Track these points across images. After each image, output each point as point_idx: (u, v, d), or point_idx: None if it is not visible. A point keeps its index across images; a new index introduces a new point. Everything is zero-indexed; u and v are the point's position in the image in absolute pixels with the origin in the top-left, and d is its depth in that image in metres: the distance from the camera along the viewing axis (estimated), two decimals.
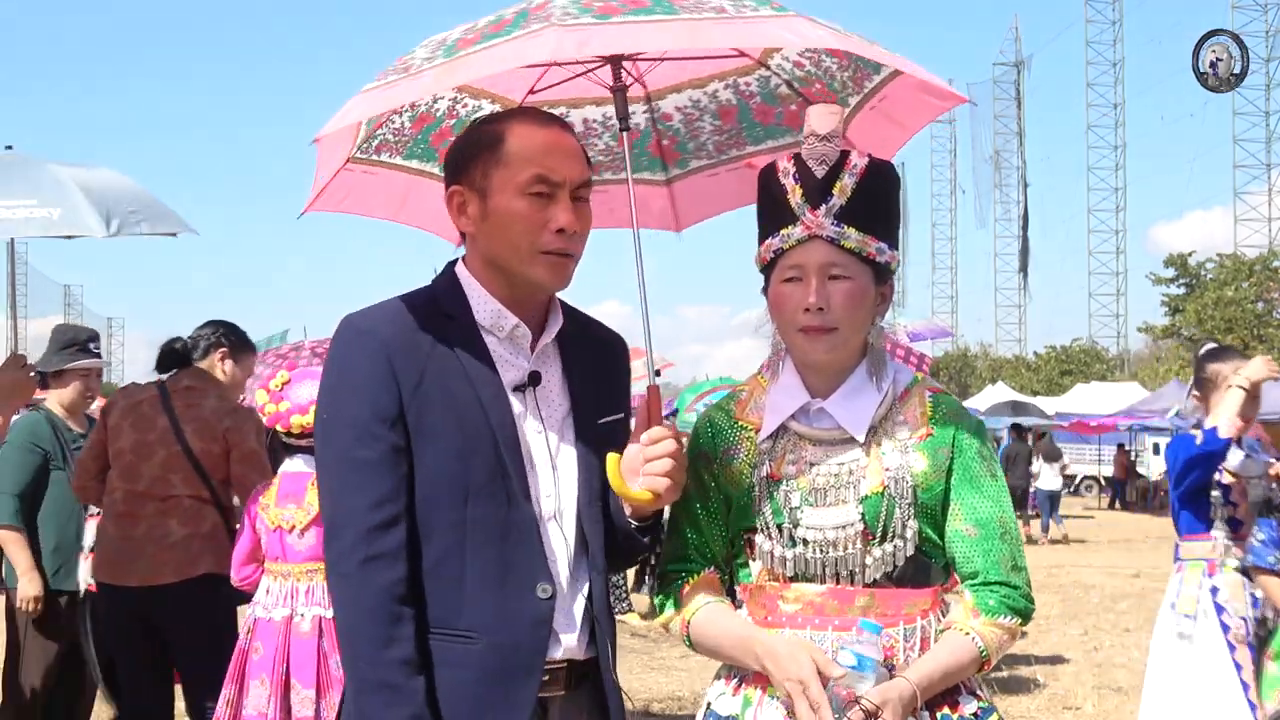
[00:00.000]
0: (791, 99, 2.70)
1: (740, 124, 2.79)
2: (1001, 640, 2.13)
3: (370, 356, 2.03)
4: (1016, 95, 67.90)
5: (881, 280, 2.20)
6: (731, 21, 2.12)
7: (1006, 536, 2.15)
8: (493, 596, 2.03)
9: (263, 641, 4.20)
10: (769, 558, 2.18)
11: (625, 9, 2.09)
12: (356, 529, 1.99)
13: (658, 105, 2.79)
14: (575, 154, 2.12)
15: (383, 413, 2.02)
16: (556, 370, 2.18)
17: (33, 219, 3.62)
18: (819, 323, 2.13)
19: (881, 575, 2.13)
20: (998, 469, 2.19)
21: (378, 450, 2.01)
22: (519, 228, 2.07)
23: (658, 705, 7.52)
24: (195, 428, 4.56)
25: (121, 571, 4.52)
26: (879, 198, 2.18)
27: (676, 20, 2.08)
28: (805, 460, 2.17)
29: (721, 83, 2.72)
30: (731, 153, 2.86)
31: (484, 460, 2.04)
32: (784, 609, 2.16)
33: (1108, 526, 24.50)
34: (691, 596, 2.23)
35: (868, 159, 2.18)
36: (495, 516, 2.04)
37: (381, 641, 1.96)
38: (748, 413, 2.26)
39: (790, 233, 2.17)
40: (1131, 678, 8.47)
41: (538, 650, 2.05)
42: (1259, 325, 40.39)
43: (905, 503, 2.12)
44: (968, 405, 23.62)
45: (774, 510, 2.17)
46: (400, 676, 1.95)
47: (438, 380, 2.04)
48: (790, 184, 2.18)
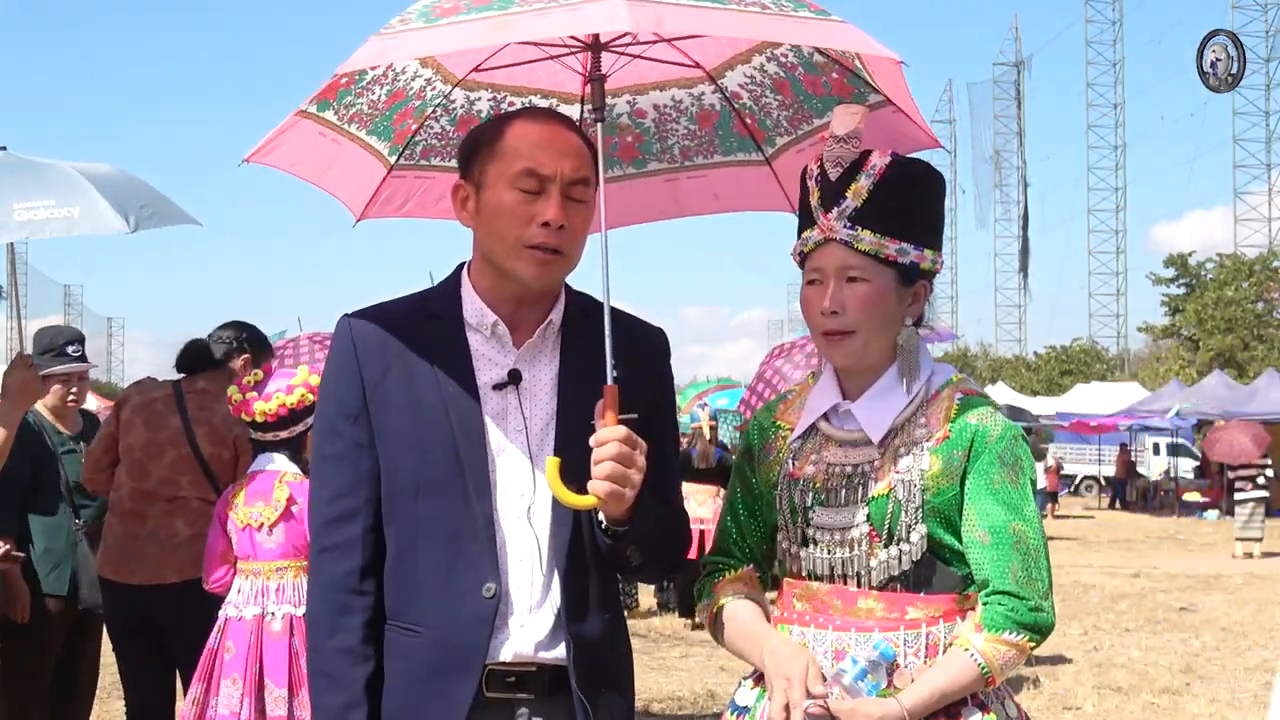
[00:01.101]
0: (830, 66, 2.54)
1: (797, 96, 2.65)
2: (1007, 657, 2.04)
3: (340, 355, 2.11)
4: (1016, 95, 67.95)
5: (909, 281, 2.18)
6: (804, 21, 2.08)
7: (1020, 546, 2.07)
8: (439, 592, 2.04)
9: (234, 640, 4.17)
10: (785, 555, 2.21)
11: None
12: (316, 522, 2.11)
13: (723, 84, 2.65)
14: (571, 150, 2.08)
15: (345, 409, 2.09)
16: (550, 369, 2.14)
17: (54, 219, 3.61)
18: (835, 326, 2.13)
19: (888, 578, 2.10)
20: (1023, 476, 2.11)
21: (339, 446, 2.09)
22: (505, 220, 2.06)
23: (658, 705, 7.51)
24: (206, 431, 4.57)
25: (125, 569, 4.52)
26: (903, 196, 2.15)
27: (745, 12, 2.04)
28: (825, 460, 2.18)
29: (763, 55, 2.59)
30: (804, 126, 2.68)
31: (439, 457, 2.04)
32: (796, 606, 2.18)
33: (1108, 526, 24.50)
34: (723, 590, 2.24)
35: (890, 158, 2.15)
36: (448, 513, 2.05)
37: (327, 630, 2.05)
38: (790, 413, 2.28)
39: (809, 236, 2.18)
40: (1131, 678, 8.48)
41: (477, 649, 2.02)
42: (1259, 325, 40.41)
43: (912, 506, 2.09)
44: None
45: (790, 508, 2.18)
46: (339, 664, 2.03)
47: (402, 378, 2.07)
48: (812, 186, 2.19)
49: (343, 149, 2.59)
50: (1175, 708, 7.62)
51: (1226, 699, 7.81)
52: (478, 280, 2.14)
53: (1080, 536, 21.92)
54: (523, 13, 1.99)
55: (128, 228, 3.64)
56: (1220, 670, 8.86)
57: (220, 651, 4.21)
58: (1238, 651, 9.65)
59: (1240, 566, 16.56)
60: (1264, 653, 9.57)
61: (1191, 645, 9.97)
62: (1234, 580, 14.77)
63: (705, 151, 2.79)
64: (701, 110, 2.71)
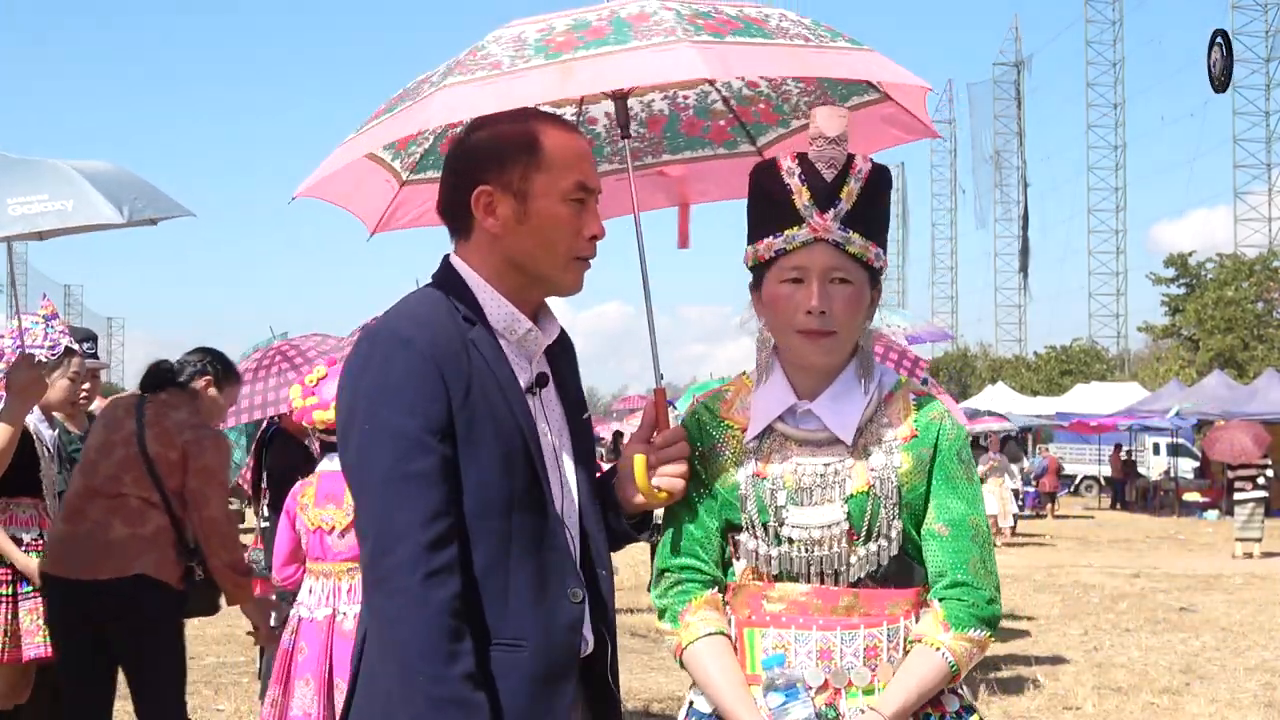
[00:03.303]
0: (723, 114, 2.77)
1: (664, 134, 2.83)
2: (971, 654, 2.14)
3: (418, 367, 1.99)
4: (1016, 95, 67.94)
5: (875, 283, 2.23)
6: (845, 53, 2.29)
7: (977, 538, 2.17)
8: (536, 603, 2.05)
9: (307, 641, 4.23)
10: (754, 556, 2.19)
11: (728, 29, 2.20)
12: (413, 544, 1.94)
13: (586, 109, 2.81)
14: (593, 161, 2.19)
15: (433, 425, 1.98)
16: (548, 371, 2.21)
17: (48, 212, 3.61)
18: (819, 326, 2.14)
19: (865, 575, 2.15)
20: (974, 472, 2.23)
21: (429, 463, 1.97)
22: (560, 233, 2.10)
23: (658, 705, 7.51)
24: (156, 432, 4.55)
25: (65, 565, 4.51)
26: (879, 201, 2.21)
27: (786, 46, 2.23)
28: (793, 459, 2.19)
29: (660, 94, 2.74)
30: (646, 159, 2.88)
31: (522, 469, 2.05)
32: (768, 608, 2.17)
33: (1108, 526, 24.49)
34: (691, 621, 2.22)
35: (870, 164, 2.19)
36: (534, 524, 2.06)
37: (447, 657, 1.93)
38: (734, 412, 2.27)
39: (795, 234, 2.16)
40: (1131, 678, 8.48)
41: (574, 652, 2.09)
42: (1259, 325, 40.40)
43: (890, 502, 2.14)
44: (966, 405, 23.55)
45: (759, 509, 2.18)
46: (469, 691, 1.93)
47: (480, 389, 2.03)
48: (796, 184, 2.17)
49: (369, 169, 2.68)
50: (1175, 708, 7.62)
51: (1226, 699, 7.81)
52: (500, 285, 2.13)
53: (1080, 536, 21.93)
54: (591, 57, 2.14)
55: (122, 218, 3.64)
56: (1220, 670, 8.85)
57: (294, 652, 4.25)
58: (1238, 651, 9.65)
59: (1240, 566, 16.56)
60: (1264, 653, 9.57)
61: (1191, 645, 9.97)
62: (1234, 580, 14.77)
63: (654, 151, 2.90)
64: (651, 115, 2.82)
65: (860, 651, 2.12)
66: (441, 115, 2.20)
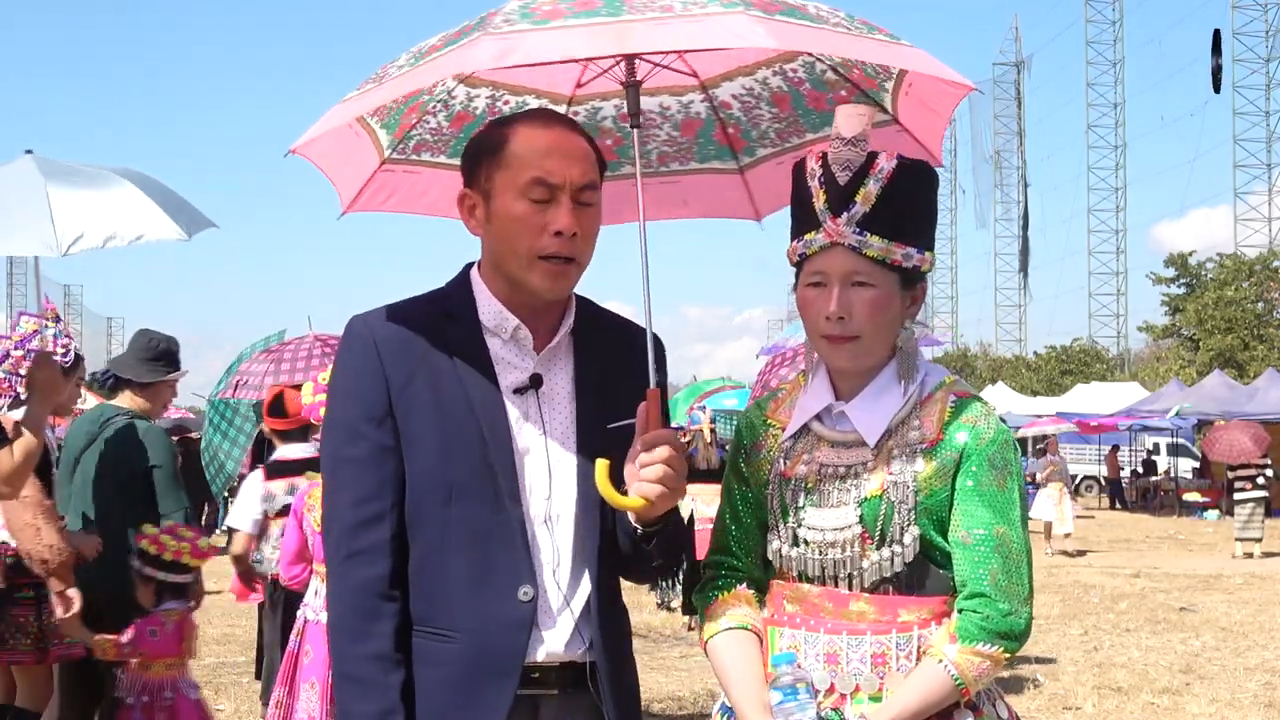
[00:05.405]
0: (840, 84, 2.62)
1: (796, 111, 2.72)
2: (981, 669, 2.04)
3: (362, 357, 2.08)
4: (1016, 95, 67.91)
5: (910, 284, 2.16)
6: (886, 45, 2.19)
7: (1002, 549, 2.06)
8: (473, 597, 2.04)
9: (313, 645, 4.23)
10: (777, 555, 2.19)
11: (774, 10, 2.07)
12: (340, 526, 2.06)
13: (714, 94, 2.70)
14: (579, 156, 2.08)
15: (370, 412, 2.06)
16: (566, 372, 2.16)
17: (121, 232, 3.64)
18: (840, 331, 2.10)
19: (880, 580, 2.10)
20: (1011, 481, 2.10)
21: (363, 449, 2.05)
22: (516, 231, 2.06)
23: (658, 705, 7.51)
24: None
25: None
26: (909, 200, 2.13)
27: (836, 32, 2.12)
28: (817, 461, 2.16)
29: (769, 69, 2.63)
30: (793, 140, 2.77)
31: (468, 461, 2.05)
32: (787, 608, 2.17)
33: (1108, 526, 24.48)
34: (718, 613, 2.21)
35: (896, 161, 2.11)
36: (479, 517, 2.05)
37: (357, 636, 2.02)
38: (780, 411, 2.26)
39: (813, 239, 2.14)
40: (1131, 678, 8.48)
41: (516, 653, 2.04)
42: (1259, 325, 40.38)
43: (905, 508, 2.08)
44: None
45: (782, 508, 2.17)
46: (371, 671, 2.00)
47: (428, 381, 2.06)
48: (815, 187, 2.13)
49: (360, 141, 2.61)
50: (1175, 708, 7.62)
51: (1226, 699, 7.82)
52: (492, 285, 2.14)
53: (1080, 536, 21.93)
54: (641, 20, 1.99)
55: (186, 235, 3.69)
56: (1220, 670, 8.86)
57: (299, 655, 4.24)
58: (1238, 651, 9.65)
59: (1240, 566, 16.56)
60: (1264, 653, 9.57)
61: (1191, 645, 9.97)
62: (1234, 580, 14.77)
63: (682, 158, 2.83)
64: (687, 118, 2.73)
65: (867, 658, 2.08)
66: (321, 126, 2.23)
